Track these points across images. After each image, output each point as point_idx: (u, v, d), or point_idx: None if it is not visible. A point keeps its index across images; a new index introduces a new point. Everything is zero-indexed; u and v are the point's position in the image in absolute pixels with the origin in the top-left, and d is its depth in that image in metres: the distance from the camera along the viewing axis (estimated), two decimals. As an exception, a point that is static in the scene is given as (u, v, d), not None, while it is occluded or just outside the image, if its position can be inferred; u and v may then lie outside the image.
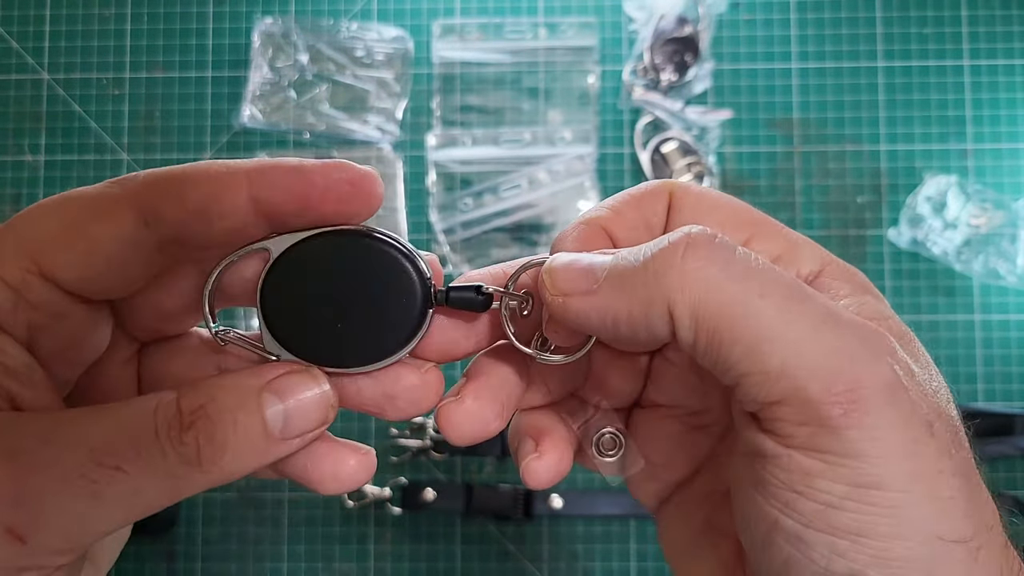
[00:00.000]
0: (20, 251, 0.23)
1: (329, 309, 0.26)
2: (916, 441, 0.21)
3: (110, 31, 0.73)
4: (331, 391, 0.25)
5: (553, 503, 0.67)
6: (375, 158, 0.71)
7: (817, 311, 0.22)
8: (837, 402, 0.21)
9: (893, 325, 0.25)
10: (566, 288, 0.24)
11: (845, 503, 0.21)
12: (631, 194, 0.27)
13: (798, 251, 0.26)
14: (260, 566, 0.68)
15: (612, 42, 0.72)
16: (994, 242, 0.68)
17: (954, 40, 0.71)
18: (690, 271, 0.22)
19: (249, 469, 0.24)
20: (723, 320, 0.21)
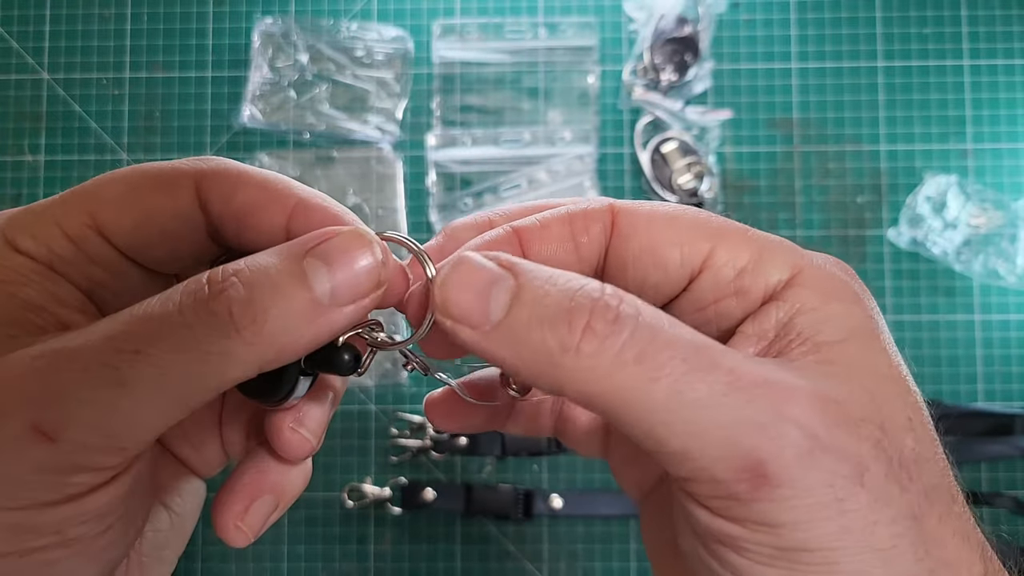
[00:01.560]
0: (83, 208, 0.24)
1: None
2: (842, 500, 0.20)
3: (110, 31, 0.73)
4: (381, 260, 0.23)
5: (553, 503, 0.67)
6: (375, 158, 0.71)
7: (720, 383, 0.20)
8: (744, 479, 0.20)
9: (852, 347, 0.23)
10: (456, 315, 0.22)
11: (776, 562, 0.20)
12: (568, 211, 0.25)
13: (765, 258, 0.24)
14: (260, 566, 0.68)
15: (612, 42, 0.72)
16: (994, 242, 0.68)
17: (954, 40, 0.71)
18: (583, 360, 0.20)
19: (302, 339, 0.22)
20: (616, 407, 0.21)
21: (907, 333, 0.68)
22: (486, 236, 0.25)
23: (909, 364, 0.24)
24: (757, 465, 0.20)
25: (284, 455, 0.26)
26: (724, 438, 0.20)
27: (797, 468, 0.20)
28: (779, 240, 0.25)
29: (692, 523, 0.22)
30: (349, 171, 0.71)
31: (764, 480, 0.20)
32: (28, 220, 0.24)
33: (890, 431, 0.21)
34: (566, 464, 0.69)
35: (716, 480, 0.20)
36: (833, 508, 0.20)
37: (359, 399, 0.69)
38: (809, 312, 0.23)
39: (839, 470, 0.20)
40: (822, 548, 0.20)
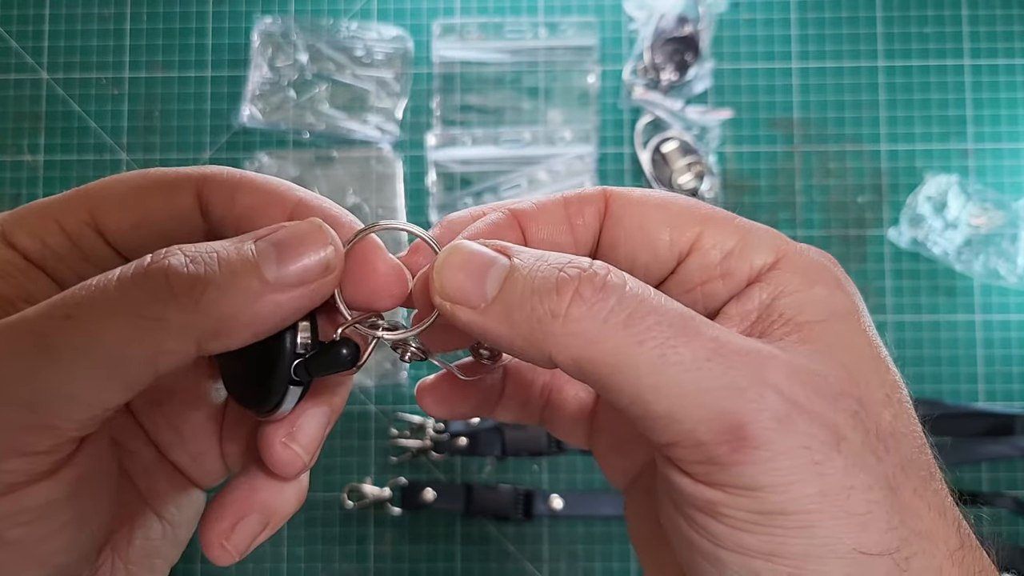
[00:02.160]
0: (83, 205, 0.24)
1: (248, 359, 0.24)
2: (819, 463, 0.20)
3: (110, 31, 0.73)
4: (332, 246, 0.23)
5: (553, 503, 0.67)
6: (375, 158, 0.71)
7: (702, 348, 0.21)
8: (725, 440, 0.20)
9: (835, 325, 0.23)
10: (453, 295, 0.23)
11: (754, 527, 0.21)
12: (563, 195, 0.26)
13: (751, 243, 0.25)
14: (260, 566, 0.68)
15: (612, 42, 0.72)
16: (994, 242, 0.68)
17: (954, 40, 0.71)
18: (571, 324, 0.21)
19: (244, 315, 0.21)
20: (605, 371, 0.21)
21: (907, 333, 0.68)
22: (487, 219, 0.26)
23: (904, 364, 0.24)
24: (737, 427, 0.20)
25: (275, 471, 0.26)
26: (707, 402, 0.21)
27: (775, 431, 0.20)
28: (764, 227, 0.26)
29: (673, 493, 0.23)
30: (349, 171, 0.71)
31: (744, 442, 0.20)
32: (28, 215, 0.25)
33: (868, 405, 0.22)
34: (566, 464, 0.69)
35: (699, 443, 0.21)
36: (810, 471, 0.20)
37: (359, 399, 0.69)
38: (792, 294, 0.24)
39: (816, 434, 0.21)
40: (799, 511, 0.20)
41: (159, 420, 0.28)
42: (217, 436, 0.29)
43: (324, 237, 0.23)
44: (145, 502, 0.28)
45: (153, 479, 0.28)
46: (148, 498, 0.28)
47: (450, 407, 0.30)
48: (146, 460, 0.28)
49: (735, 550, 0.21)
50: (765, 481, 0.20)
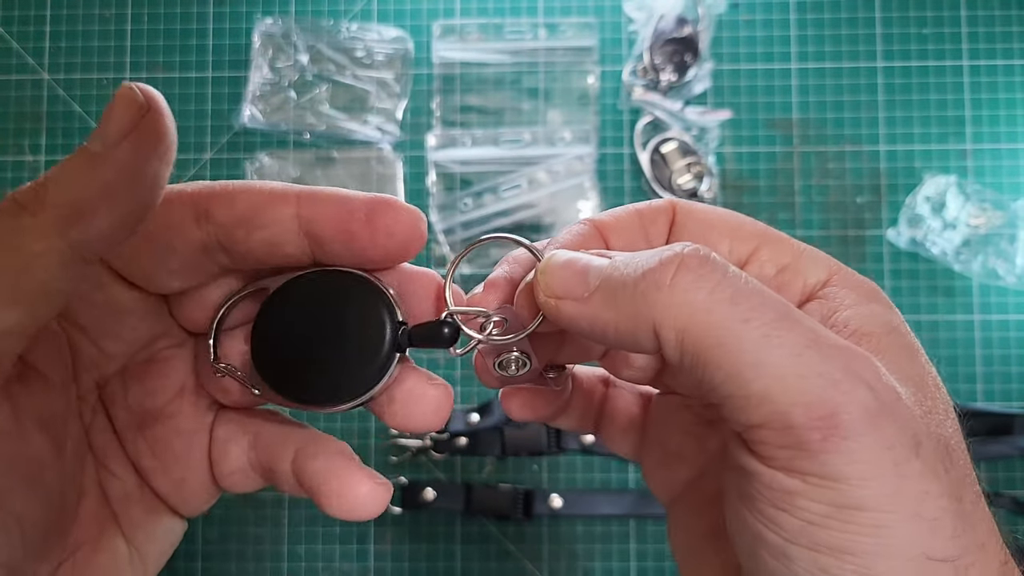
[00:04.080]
0: None
1: (307, 348, 0.26)
2: (899, 464, 0.21)
3: (110, 31, 0.73)
4: (142, 95, 0.21)
5: (553, 503, 0.67)
6: (375, 158, 0.71)
7: (802, 336, 0.22)
8: (817, 427, 0.21)
9: (896, 339, 0.24)
10: (559, 291, 0.24)
11: (828, 521, 0.21)
12: (635, 206, 0.28)
13: (804, 261, 0.26)
14: (260, 566, 0.68)
15: (612, 42, 0.72)
16: (993, 242, 0.68)
17: (954, 40, 0.71)
18: (678, 293, 0.22)
19: (87, 191, 0.21)
20: (707, 344, 0.22)
21: (906, 333, 0.68)
22: (572, 230, 0.27)
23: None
24: (832, 415, 0.21)
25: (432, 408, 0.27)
26: (804, 387, 0.21)
27: (864, 424, 0.21)
28: (820, 251, 0.27)
29: (746, 484, 0.23)
30: (349, 171, 0.71)
31: (835, 431, 0.21)
32: None
33: (935, 417, 0.23)
34: (566, 464, 0.69)
35: (790, 426, 0.21)
36: (891, 470, 0.21)
37: (359, 399, 0.69)
38: (851, 307, 0.25)
39: (899, 436, 0.21)
40: (875, 509, 0.21)
41: (141, 445, 0.28)
42: (205, 460, 0.28)
43: (130, 92, 0.21)
44: (117, 525, 0.28)
45: (130, 504, 0.28)
46: (122, 522, 0.28)
47: (532, 410, 0.31)
48: (126, 484, 0.28)
49: (805, 545, 0.21)
50: (848, 473, 0.21)
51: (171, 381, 0.28)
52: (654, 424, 0.32)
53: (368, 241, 0.25)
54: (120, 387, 0.27)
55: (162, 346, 0.28)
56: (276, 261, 0.25)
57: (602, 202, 0.70)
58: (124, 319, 0.26)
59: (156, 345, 0.28)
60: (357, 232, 0.24)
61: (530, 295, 0.26)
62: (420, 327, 0.26)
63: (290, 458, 0.27)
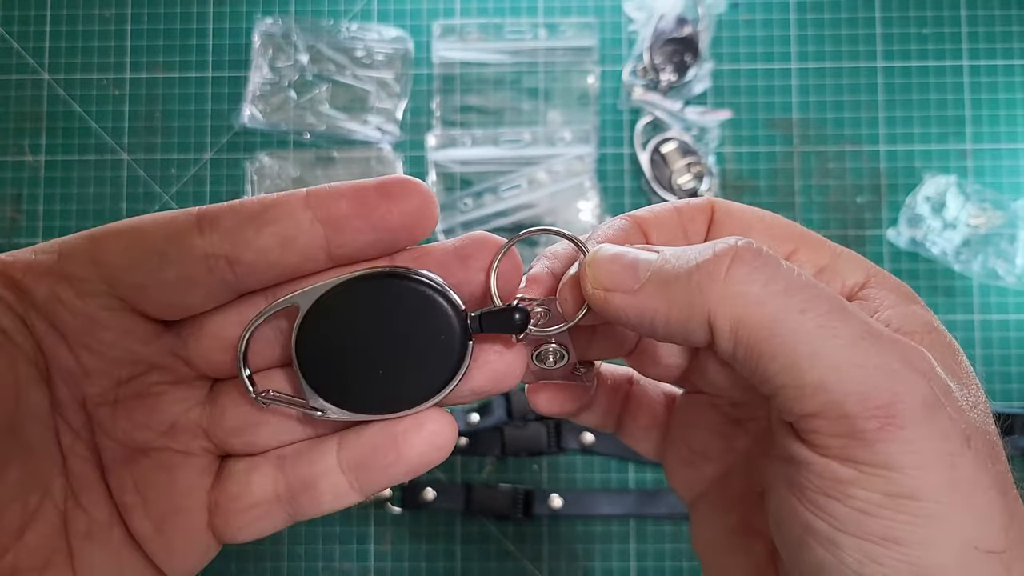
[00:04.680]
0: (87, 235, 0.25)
1: (368, 356, 0.25)
2: (953, 454, 0.21)
3: (110, 31, 0.73)
4: None
5: (553, 503, 0.67)
6: (375, 158, 0.71)
7: (857, 327, 0.22)
8: (874, 416, 0.21)
9: (938, 337, 0.25)
10: (608, 283, 0.24)
11: (880, 511, 0.21)
12: (674, 204, 0.28)
13: (842, 263, 0.26)
14: (260, 566, 0.68)
15: (612, 42, 0.72)
16: (993, 242, 0.68)
17: (953, 40, 0.71)
18: (734, 285, 0.22)
19: None
20: (763, 335, 0.22)
21: (906, 333, 0.68)
22: (614, 225, 0.27)
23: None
24: (889, 404, 0.21)
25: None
26: (861, 376, 0.21)
27: (921, 414, 0.21)
28: (856, 254, 0.27)
29: (796, 473, 0.23)
30: (349, 171, 0.71)
31: (893, 420, 0.21)
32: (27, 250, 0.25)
33: (981, 415, 0.23)
34: (566, 464, 0.69)
35: (846, 415, 0.21)
36: (945, 461, 0.21)
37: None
38: (892, 308, 0.25)
39: (954, 428, 0.21)
40: (928, 499, 0.21)
41: (126, 479, 0.26)
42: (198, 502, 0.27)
43: None
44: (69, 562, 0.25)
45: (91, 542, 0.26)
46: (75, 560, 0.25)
47: (560, 404, 0.31)
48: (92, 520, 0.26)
49: (856, 534, 0.22)
50: (904, 462, 0.21)
51: (162, 416, 0.27)
52: (679, 423, 0.32)
53: (385, 210, 0.24)
54: (110, 417, 0.26)
55: (155, 380, 0.26)
56: (288, 261, 0.24)
57: (602, 202, 0.70)
58: (103, 334, 0.25)
59: (148, 378, 0.26)
60: (374, 204, 0.24)
61: (575, 288, 0.26)
62: (490, 313, 0.25)
63: (334, 451, 0.26)
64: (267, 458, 0.27)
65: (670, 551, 0.67)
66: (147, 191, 0.71)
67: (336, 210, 0.24)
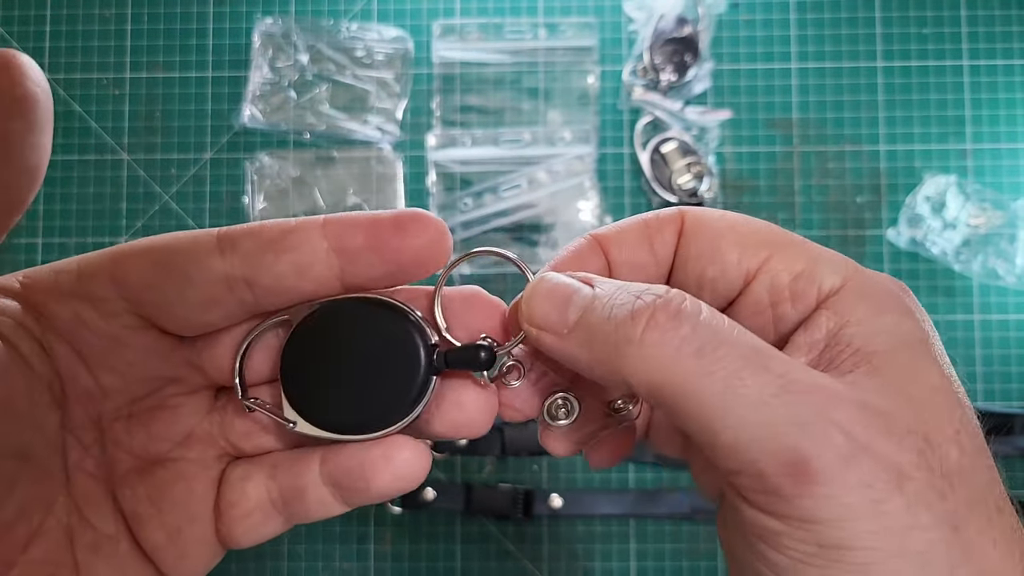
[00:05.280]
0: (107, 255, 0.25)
1: (340, 377, 0.26)
2: (879, 502, 0.21)
3: (110, 31, 0.73)
4: None
5: (553, 503, 0.67)
6: (375, 158, 0.71)
7: (769, 383, 0.21)
8: (788, 473, 0.21)
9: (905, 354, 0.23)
10: (539, 322, 0.24)
11: (814, 560, 0.21)
12: (642, 217, 0.27)
13: (819, 267, 0.25)
14: (260, 565, 0.68)
15: (612, 42, 0.72)
16: (993, 242, 0.68)
17: (953, 40, 0.71)
18: (646, 350, 0.22)
19: None
20: (676, 397, 0.22)
21: (906, 333, 0.68)
22: (570, 247, 0.27)
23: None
24: (800, 462, 0.21)
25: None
26: (771, 435, 0.21)
27: (837, 468, 0.21)
28: (836, 253, 0.26)
29: (738, 520, 0.23)
30: (349, 171, 0.71)
31: (806, 477, 0.21)
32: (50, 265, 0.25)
33: (935, 442, 0.22)
34: (566, 464, 0.69)
35: (762, 474, 0.21)
36: (870, 509, 0.21)
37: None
38: (859, 323, 0.24)
39: (879, 475, 0.21)
40: (859, 547, 0.21)
41: (140, 490, 0.26)
42: (208, 513, 0.27)
43: None
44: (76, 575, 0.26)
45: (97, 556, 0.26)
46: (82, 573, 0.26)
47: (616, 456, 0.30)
48: (99, 534, 0.26)
49: None
50: (824, 515, 0.21)
51: (178, 428, 0.27)
52: None
53: (398, 245, 0.24)
54: (125, 431, 0.27)
55: (171, 392, 0.27)
56: (304, 287, 0.25)
57: (602, 202, 0.71)
58: (124, 354, 0.25)
59: (165, 391, 0.27)
60: (388, 238, 0.24)
61: (514, 316, 0.26)
62: (456, 350, 0.26)
63: (317, 464, 0.27)
64: (261, 466, 0.27)
65: (670, 551, 0.67)
66: (147, 191, 0.71)
67: (351, 242, 0.24)
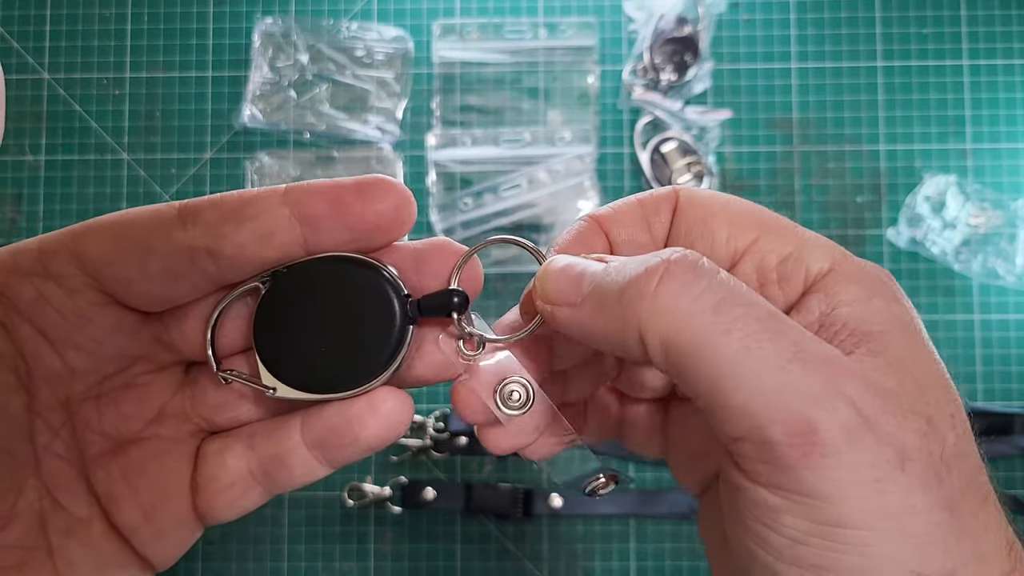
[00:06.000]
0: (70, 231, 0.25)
1: (316, 337, 0.26)
2: (880, 480, 0.21)
3: (110, 31, 0.73)
4: None
5: (553, 502, 0.67)
6: (375, 158, 0.71)
7: (784, 349, 0.21)
8: (794, 444, 0.21)
9: (900, 336, 0.23)
10: (554, 297, 0.24)
11: (811, 539, 0.21)
12: (637, 197, 0.27)
13: (808, 249, 0.25)
14: (260, 566, 0.68)
15: (612, 42, 0.72)
16: (993, 242, 0.68)
17: (954, 40, 0.71)
18: (661, 302, 0.22)
19: None
20: (690, 354, 0.21)
21: (906, 333, 0.68)
22: (572, 228, 0.27)
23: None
24: (810, 431, 0.20)
25: None
26: (782, 402, 0.21)
27: (843, 442, 0.21)
28: (825, 238, 0.26)
29: (736, 499, 0.23)
30: (349, 171, 0.71)
31: (814, 447, 0.20)
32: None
33: (936, 425, 0.22)
34: (566, 463, 0.69)
35: (768, 441, 0.21)
36: (872, 488, 0.21)
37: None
38: (851, 304, 0.24)
39: (882, 453, 0.21)
40: (857, 527, 0.20)
41: (114, 471, 0.26)
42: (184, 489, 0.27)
43: None
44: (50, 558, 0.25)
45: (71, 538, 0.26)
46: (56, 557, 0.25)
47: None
48: (72, 517, 0.26)
49: (792, 563, 0.21)
50: (826, 490, 0.21)
51: (149, 406, 0.27)
52: (676, 427, 0.32)
53: (361, 210, 0.24)
54: (94, 412, 0.26)
55: (140, 371, 0.27)
56: (267, 256, 0.25)
57: (602, 201, 0.70)
58: (90, 331, 0.25)
59: (134, 369, 0.27)
60: (350, 204, 0.24)
61: (530, 299, 0.26)
62: (429, 296, 0.26)
63: (297, 429, 0.26)
64: (238, 438, 0.27)
65: (670, 551, 0.67)
66: (147, 191, 0.71)
67: (312, 208, 0.24)
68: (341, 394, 0.26)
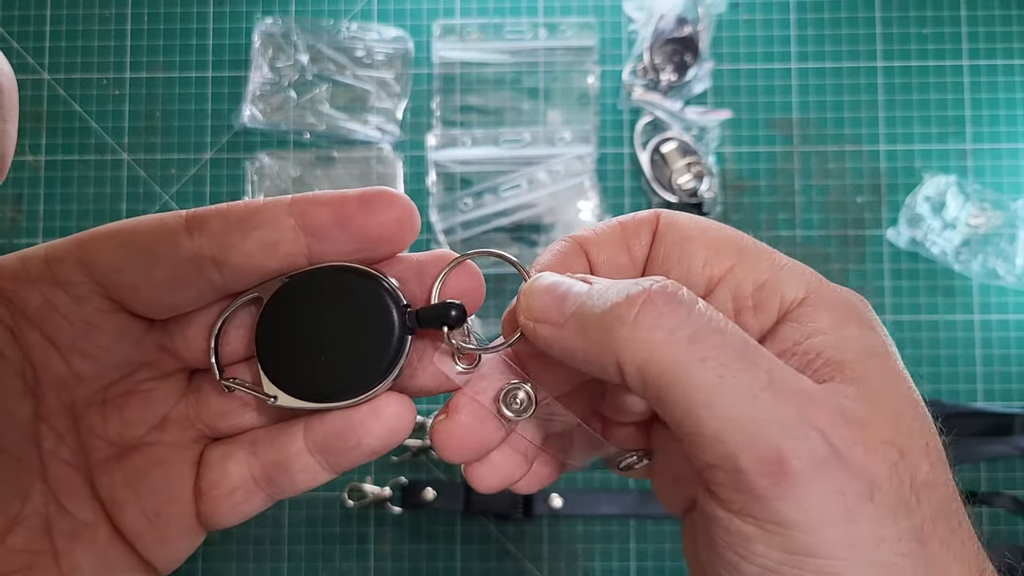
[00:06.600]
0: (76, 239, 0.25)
1: (317, 347, 0.26)
2: (850, 510, 0.21)
3: (110, 31, 0.73)
4: None
5: (553, 503, 0.67)
6: (375, 158, 0.71)
7: (757, 379, 0.22)
8: (765, 472, 0.21)
9: (874, 366, 0.23)
10: (537, 315, 0.25)
11: (782, 568, 0.21)
12: (619, 220, 0.28)
13: (784, 277, 0.25)
14: (260, 566, 0.68)
15: (612, 42, 0.72)
16: (993, 242, 0.68)
17: (953, 40, 0.71)
18: (640, 330, 0.22)
19: None
20: (666, 382, 0.22)
21: (906, 333, 0.68)
22: (553, 249, 0.27)
23: (909, 365, 0.25)
24: (780, 461, 0.21)
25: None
26: (754, 430, 0.21)
27: (813, 472, 0.21)
28: (801, 264, 0.26)
29: (707, 527, 0.23)
30: (349, 171, 0.71)
31: (783, 477, 0.21)
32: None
33: (908, 454, 0.22)
34: (566, 464, 0.69)
35: (740, 469, 0.21)
36: (841, 517, 0.21)
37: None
38: (825, 332, 0.24)
39: (852, 482, 0.21)
40: (827, 556, 0.21)
41: (118, 476, 0.26)
42: (188, 495, 0.27)
43: None
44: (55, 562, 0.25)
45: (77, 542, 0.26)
46: (62, 561, 0.26)
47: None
48: (77, 521, 0.26)
49: None
50: (797, 519, 0.21)
51: (153, 412, 0.27)
52: (658, 450, 0.32)
53: (364, 221, 0.25)
54: (99, 417, 0.26)
55: (143, 377, 0.27)
56: (272, 265, 0.25)
57: (602, 202, 0.71)
58: (96, 338, 0.25)
59: (137, 376, 0.27)
60: (354, 215, 0.25)
61: (512, 314, 0.26)
62: (427, 308, 0.26)
63: (300, 435, 0.27)
64: (241, 444, 0.28)
65: (670, 551, 0.67)
66: (147, 191, 0.72)
67: (317, 219, 0.25)
68: (340, 403, 0.26)
